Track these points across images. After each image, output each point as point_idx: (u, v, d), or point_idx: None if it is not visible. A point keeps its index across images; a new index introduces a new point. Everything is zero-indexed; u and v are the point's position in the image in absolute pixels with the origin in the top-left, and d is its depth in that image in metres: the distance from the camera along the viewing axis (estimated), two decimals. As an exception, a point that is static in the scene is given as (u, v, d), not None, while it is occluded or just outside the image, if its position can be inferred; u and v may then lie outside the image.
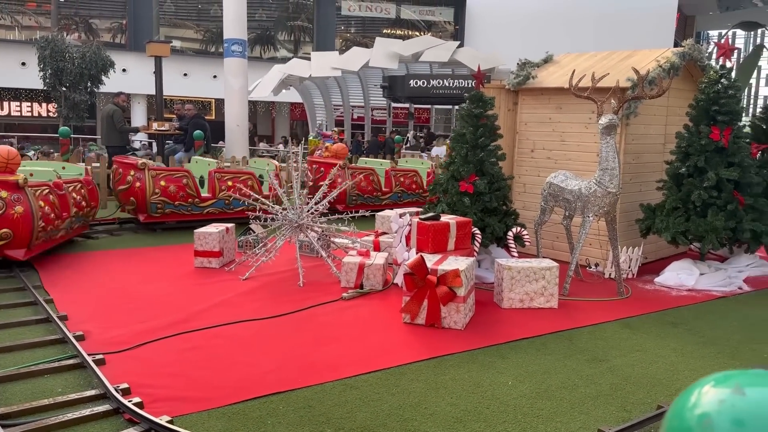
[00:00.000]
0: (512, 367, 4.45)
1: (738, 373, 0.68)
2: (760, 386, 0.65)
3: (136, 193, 8.78)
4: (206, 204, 9.27)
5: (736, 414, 0.63)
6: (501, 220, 6.82)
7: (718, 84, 6.70)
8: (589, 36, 26.76)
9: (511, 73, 8.36)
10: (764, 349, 4.92)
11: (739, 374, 0.68)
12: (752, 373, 0.68)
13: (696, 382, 0.69)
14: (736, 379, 0.66)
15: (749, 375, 0.67)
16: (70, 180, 7.82)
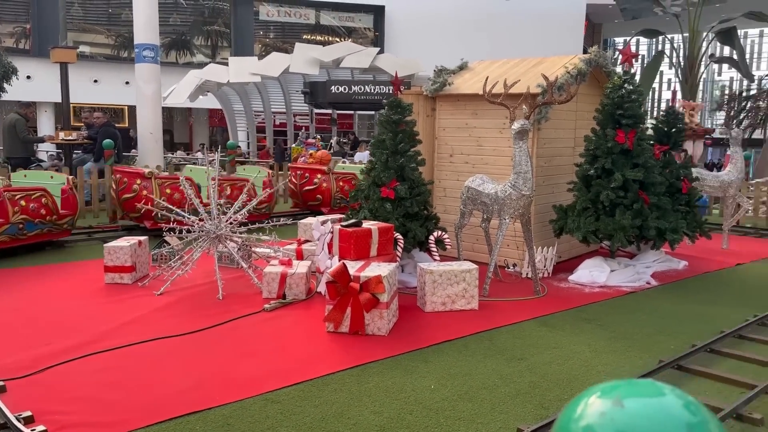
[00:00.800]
0: (435, 370, 4.48)
1: (622, 384, 0.69)
2: (638, 397, 0.65)
3: (147, 201, 9.20)
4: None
5: (616, 427, 0.63)
6: (422, 225, 6.89)
7: (621, 89, 7.06)
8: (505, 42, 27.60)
9: (429, 80, 8.49)
10: (671, 341, 5.19)
11: (622, 385, 0.68)
12: (634, 383, 0.69)
13: (584, 392, 0.68)
14: (618, 390, 0.67)
15: (630, 386, 0.68)
16: (27, 188, 8.18)
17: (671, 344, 5.11)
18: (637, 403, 0.64)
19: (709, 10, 16.44)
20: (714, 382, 4.35)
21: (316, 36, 33.51)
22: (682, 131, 8.26)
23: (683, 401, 0.66)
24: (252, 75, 21.94)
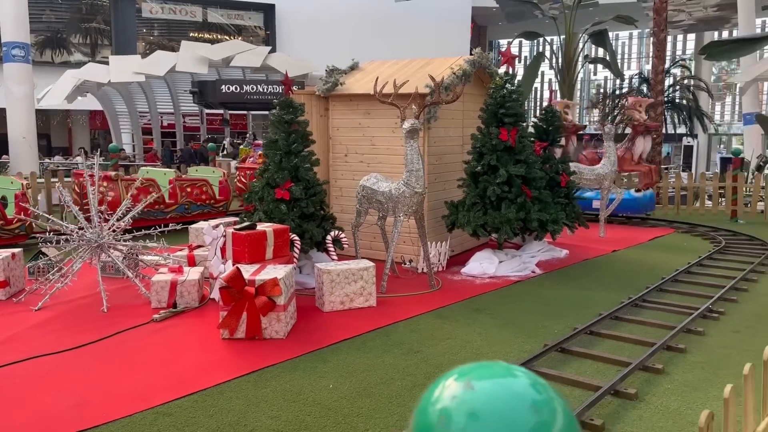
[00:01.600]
0: (334, 369, 4.50)
1: (475, 367, 0.73)
2: (488, 379, 0.69)
3: (110, 203, 9.17)
4: (169, 210, 10.64)
5: (468, 408, 0.67)
6: (319, 225, 6.88)
7: (503, 89, 7.40)
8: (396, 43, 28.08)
9: (320, 80, 8.49)
10: (555, 326, 5.52)
11: (475, 368, 0.72)
12: (486, 366, 0.73)
13: (442, 375, 0.72)
14: (470, 373, 0.70)
15: (482, 368, 0.72)
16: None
17: (555, 328, 5.43)
18: (486, 384, 0.68)
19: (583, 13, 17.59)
20: (593, 361, 4.67)
21: (203, 34, 32.45)
22: (559, 128, 8.79)
23: (530, 381, 0.71)
24: (135, 74, 20.88)
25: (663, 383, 4.23)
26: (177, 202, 10.90)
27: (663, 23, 13.86)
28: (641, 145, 11.41)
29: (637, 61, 40.07)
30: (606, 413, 3.78)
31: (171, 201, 10.84)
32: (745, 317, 5.72)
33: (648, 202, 12.08)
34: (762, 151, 16.29)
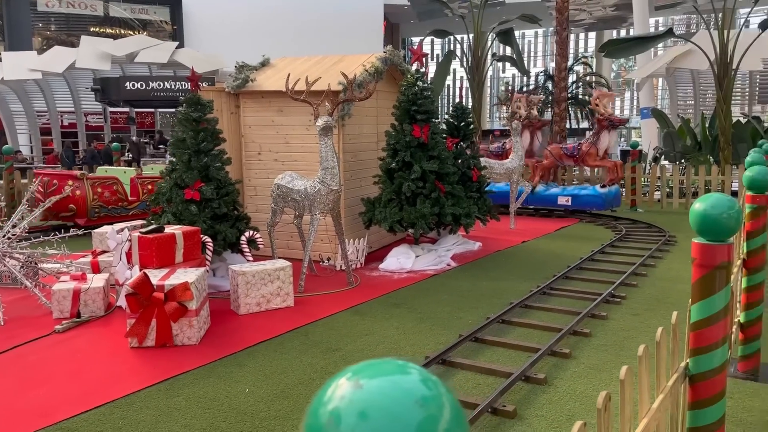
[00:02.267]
0: (250, 373, 4.41)
1: (366, 365, 0.72)
2: (377, 377, 0.69)
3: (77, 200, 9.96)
4: (131, 206, 10.88)
5: (358, 408, 0.66)
6: (233, 226, 6.72)
7: (415, 86, 7.50)
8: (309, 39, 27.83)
9: (230, 76, 8.28)
10: (469, 316, 5.66)
11: (366, 366, 0.72)
12: (377, 364, 0.72)
13: (336, 374, 0.71)
14: (361, 372, 0.70)
15: (373, 366, 0.71)
16: None
17: (469, 319, 5.57)
18: (374, 382, 0.68)
19: (491, 12, 18.11)
20: (506, 349, 4.83)
21: (105, 29, 30.87)
22: (470, 125, 9.01)
23: (420, 377, 0.71)
24: (31, 71, 19.61)
25: (570, 367, 4.44)
26: (139, 199, 11.02)
27: (565, 22, 14.51)
28: (606, 140, 11.15)
29: (543, 58, 41.76)
30: (517, 399, 3.92)
31: (133, 198, 11.00)
32: (644, 300, 6.09)
33: (614, 198, 11.66)
34: (658, 144, 17.40)
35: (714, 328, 2.40)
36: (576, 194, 11.63)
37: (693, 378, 2.44)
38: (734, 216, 2.31)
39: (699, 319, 2.41)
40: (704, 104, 21.88)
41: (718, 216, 2.30)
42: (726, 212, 2.31)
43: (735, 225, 2.32)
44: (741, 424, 3.55)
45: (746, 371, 4.19)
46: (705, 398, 2.43)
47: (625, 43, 13.97)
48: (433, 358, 4.47)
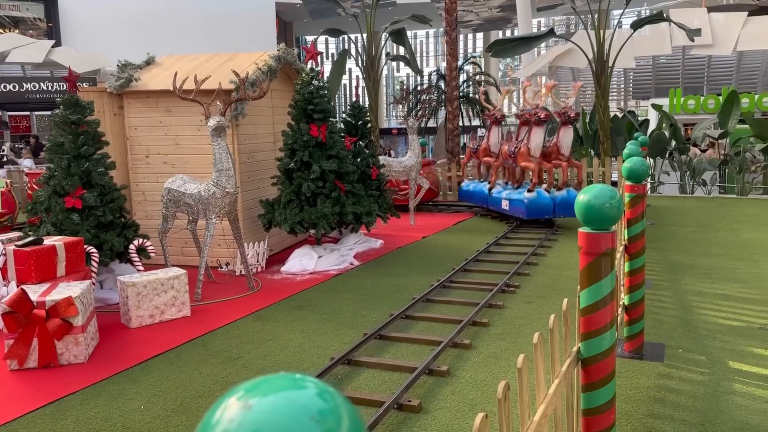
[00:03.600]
0: (145, 389, 4.17)
1: (256, 383, 0.67)
2: (267, 395, 0.64)
3: None
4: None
5: (248, 429, 0.61)
6: (120, 234, 6.33)
7: (310, 85, 7.42)
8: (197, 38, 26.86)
9: (112, 76, 7.81)
10: (373, 314, 5.67)
11: (255, 384, 0.66)
12: (268, 380, 0.67)
13: (227, 392, 0.65)
14: (250, 391, 0.64)
15: (263, 384, 0.66)
16: None
17: (374, 317, 5.58)
18: (266, 400, 0.63)
19: (383, 12, 18.31)
20: (409, 344, 4.88)
21: (-31, 25, 28.21)
22: (368, 124, 9.05)
23: (317, 390, 0.67)
24: None
25: (471, 357, 4.55)
26: (11, 212, 10.04)
27: (454, 23, 14.92)
28: (566, 138, 9.63)
29: (435, 58, 42.84)
30: (422, 392, 3.97)
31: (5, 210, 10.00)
32: (537, 288, 6.37)
33: (547, 207, 9.86)
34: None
35: (602, 313, 2.53)
36: (512, 198, 10.03)
37: (585, 361, 2.56)
38: (616, 205, 2.44)
39: (588, 305, 2.54)
40: (584, 100, 23.34)
41: (601, 206, 2.43)
42: (608, 202, 2.43)
43: (617, 214, 2.45)
44: (630, 401, 3.78)
45: (632, 351, 4.48)
46: (597, 380, 2.55)
47: (511, 43, 14.57)
48: (338, 359, 4.43)
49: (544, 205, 9.54)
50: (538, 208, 9.54)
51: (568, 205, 9.39)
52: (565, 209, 9.49)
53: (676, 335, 4.88)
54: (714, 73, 22.26)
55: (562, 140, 9.64)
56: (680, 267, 7.06)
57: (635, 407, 3.70)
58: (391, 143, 30.43)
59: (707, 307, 5.56)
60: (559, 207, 9.57)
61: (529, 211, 9.55)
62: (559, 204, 9.57)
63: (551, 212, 9.57)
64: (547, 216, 9.61)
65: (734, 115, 14.61)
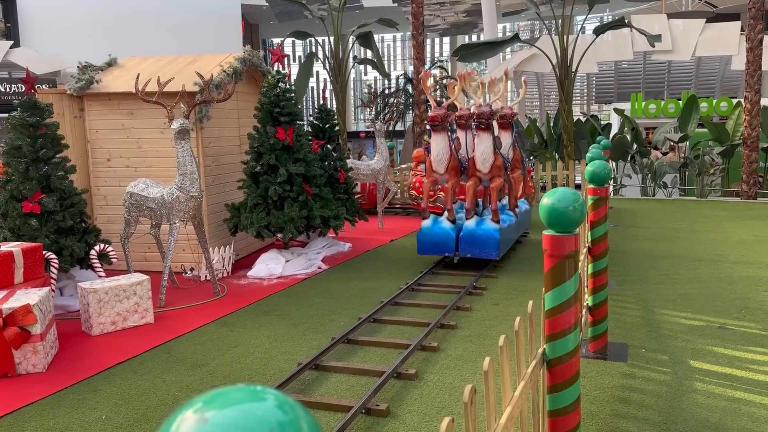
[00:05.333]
0: (106, 398, 4.06)
1: (213, 395, 0.65)
2: (226, 407, 0.62)
3: None
4: None
5: (203, 444, 0.59)
6: (81, 239, 6.17)
7: (276, 88, 7.36)
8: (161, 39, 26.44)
9: (72, 77, 7.63)
10: (342, 318, 5.64)
11: (213, 396, 0.64)
12: (226, 393, 0.65)
13: (184, 405, 0.63)
14: (207, 404, 0.62)
15: (220, 396, 0.64)
16: None
17: (342, 321, 5.55)
18: (221, 414, 0.61)
19: (350, 15, 18.31)
20: (378, 348, 4.87)
21: None
22: (335, 126, 9.02)
23: (276, 402, 0.66)
24: None
25: (439, 360, 4.56)
26: None
27: (420, 27, 15.00)
28: (483, 145, 7.24)
29: (402, 62, 42.98)
30: (390, 396, 3.96)
31: None
32: (503, 290, 6.43)
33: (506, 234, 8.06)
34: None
35: (567, 314, 2.55)
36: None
37: (550, 363, 2.59)
38: (579, 208, 2.47)
39: (552, 306, 2.56)
40: (549, 105, 23.71)
41: (565, 209, 2.46)
42: (571, 205, 2.46)
43: (580, 217, 2.49)
44: (595, 401, 3.84)
45: (596, 351, 4.55)
46: (562, 381, 2.58)
47: (477, 48, 14.73)
48: (305, 364, 4.39)
49: (440, 237, 7.09)
50: (431, 243, 7.12)
51: (475, 241, 6.95)
52: (471, 245, 6.97)
53: (639, 335, 4.98)
54: (674, 78, 22.86)
55: (483, 148, 7.15)
56: (643, 268, 7.21)
57: (600, 407, 3.75)
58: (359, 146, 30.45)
59: (669, 307, 5.68)
60: (464, 243, 7.01)
61: (420, 245, 7.21)
62: (465, 239, 7.01)
63: (451, 248, 7.09)
64: (448, 253, 7.12)
65: (693, 119, 15.02)
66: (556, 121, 15.73)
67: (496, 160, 7.20)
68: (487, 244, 6.97)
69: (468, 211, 7.20)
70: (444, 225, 7.20)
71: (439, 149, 7.05)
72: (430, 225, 7.22)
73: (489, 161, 7.18)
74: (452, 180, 7.17)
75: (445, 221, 7.22)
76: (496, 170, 7.22)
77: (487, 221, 7.13)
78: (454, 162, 7.14)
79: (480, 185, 7.42)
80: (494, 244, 6.96)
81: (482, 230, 7.04)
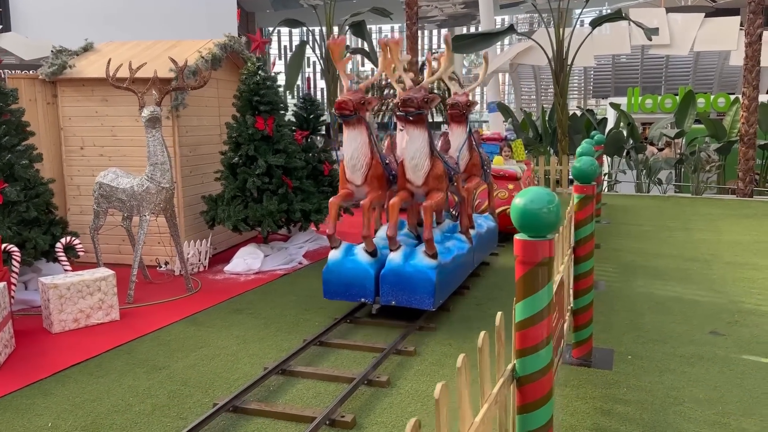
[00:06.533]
0: (57, 403, 3.81)
1: None
2: None
3: None
4: None
5: None
6: (46, 232, 5.89)
7: (256, 75, 7.06)
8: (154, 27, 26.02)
9: (45, 62, 7.33)
10: (317, 318, 5.38)
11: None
12: None
13: None
14: None
15: None
16: None
17: (317, 321, 5.30)
18: None
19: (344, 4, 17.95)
20: (351, 351, 4.62)
21: None
22: (320, 117, 8.71)
23: None
24: None
25: (414, 365, 4.31)
26: None
27: (414, 17, 14.67)
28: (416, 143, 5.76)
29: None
30: (358, 406, 3.71)
31: None
32: (486, 290, 6.17)
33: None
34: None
35: (539, 327, 2.30)
36: None
37: (520, 380, 2.33)
38: (554, 210, 2.21)
39: (524, 318, 2.30)
40: (545, 98, 23.43)
41: (538, 211, 2.19)
42: (545, 207, 2.20)
43: (555, 220, 2.22)
44: (575, 413, 3.59)
45: (580, 357, 4.30)
46: (533, 401, 2.32)
47: (471, 39, 14.44)
48: (271, 369, 4.14)
49: (353, 276, 5.14)
50: (340, 283, 5.18)
51: (401, 283, 4.98)
52: (396, 289, 5.01)
53: (626, 340, 4.74)
54: (671, 73, 22.59)
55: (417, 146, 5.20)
56: (633, 268, 6.96)
57: (580, 420, 3.51)
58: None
59: (658, 310, 5.44)
60: (386, 284, 5.04)
61: (326, 285, 5.23)
62: (387, 279, 5.04)
63: (370, 292, 5.10)
64: (365, 299, 5.12)
65: (690, 115, 14.76)
66: (551, 115, 15.46)
67: (433, 166, 5.15)
68: (418, 287, 4.91)
69: (391, 240, 5.11)
70: (360, 258, 5.17)
71: (353, 150, 5.08)
72: (339, 258, 5.20)
73: (422, 168, 5.12)
74: (374, 194, 5.16)
75: (361, 253, 5.20)
76: (433, 181, 5.15)
77: (419, 254, 5.08)
78: (377, 169, 5.16)
79: (413, 201, 5.46)
80: (428, 288, 4.89)
81: (412, 267, 4.97)
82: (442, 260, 5.16)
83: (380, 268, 5.16)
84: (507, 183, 8.27)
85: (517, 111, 19.99)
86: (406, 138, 5.23)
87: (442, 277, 5.13)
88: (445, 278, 5.25)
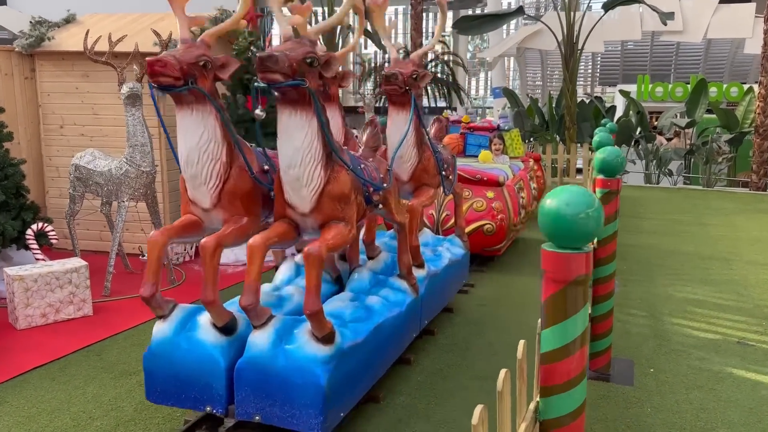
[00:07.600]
0: (9, 414, 3.38)
1: None
2: None
3: None
4: None
5: None
6: (16, 217, 5.44)
7: (248, 51, 6.56)
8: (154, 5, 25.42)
9: (21, 34, 6.83)
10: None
11: None
12: None
13: None
14: None
15: None
16: None
17: (307, 321, 4.86)
18: None
19: (347, -17, 17.26)
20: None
21: None
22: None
23: None
24: None
25: (413, 376, 3.88)
26: None
27: (420, -4, 14.09)
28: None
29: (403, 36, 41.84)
30: (345, 421, 3.27)
31: None
32: (492, 288, 5.73)
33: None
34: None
35: (571, 360, 1.85)
36: None
37: (545, 424, 1.89)
38: (594, 216, 1.75)
39: (551, 349, 1.85)
40: (552, 84, 22.84)
41: (574, 217, 1.73)
42: (584, 211, 1.74)
43: (595, 228, 1.76)
44: (594, 439, 3.17)
45: (597, 370, 3.87)
46: (560, 449, 1.89)
47: (477, 20, 13.87)
48: (252, 378, 3.62)
49: (190, 370, 3.01)
50: (168, 380, 3.05)
51: (268, 387, 2.86)
52: (260, 395, 2.88)
53: (646, 350, 4.30)
54: (682, 61, 21.99)
55: None
56: (648, 266, 6.51)
57: (601, 449, 3.08)
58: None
59: (679, 315, 5.00)
60: (243, 387, 2.91)
61: (149, 384, 3.11)
62: (243, 378, 2.90)
63: (220, 396, 2.94)
64: (210, 407, 2.99)
65: (702, 105, 14.24)
66: (558, 102, 14.92)
67: (336, 179, 3.08)
68: (295, 395, 2.81)
69: (248, 310, 3.09)
70: (203, 337, 3.06)
71: (191, 146, 3.05)
72: (169, 335, 3.10)
73: (312, 184, 3.03)
74: (234, 224, 3.24)
75: (207, 328, 3.13)
76: (329, 206, 3.07)
77: (301, 334, 2.94)
78: (243, 180, 3.18)
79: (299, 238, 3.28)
80: (312, 398, 2.78)
81: (286, 358, 2.87)
82: (345, 342, 2.96)
83: (238, 355, 2.97)
84: (486, 190, 6.28)
85: (522, 96, 19.41)
86: (280, 129, 3.15)
87: (345, 374, 2.94)
88: (354, 373, 3.04)
